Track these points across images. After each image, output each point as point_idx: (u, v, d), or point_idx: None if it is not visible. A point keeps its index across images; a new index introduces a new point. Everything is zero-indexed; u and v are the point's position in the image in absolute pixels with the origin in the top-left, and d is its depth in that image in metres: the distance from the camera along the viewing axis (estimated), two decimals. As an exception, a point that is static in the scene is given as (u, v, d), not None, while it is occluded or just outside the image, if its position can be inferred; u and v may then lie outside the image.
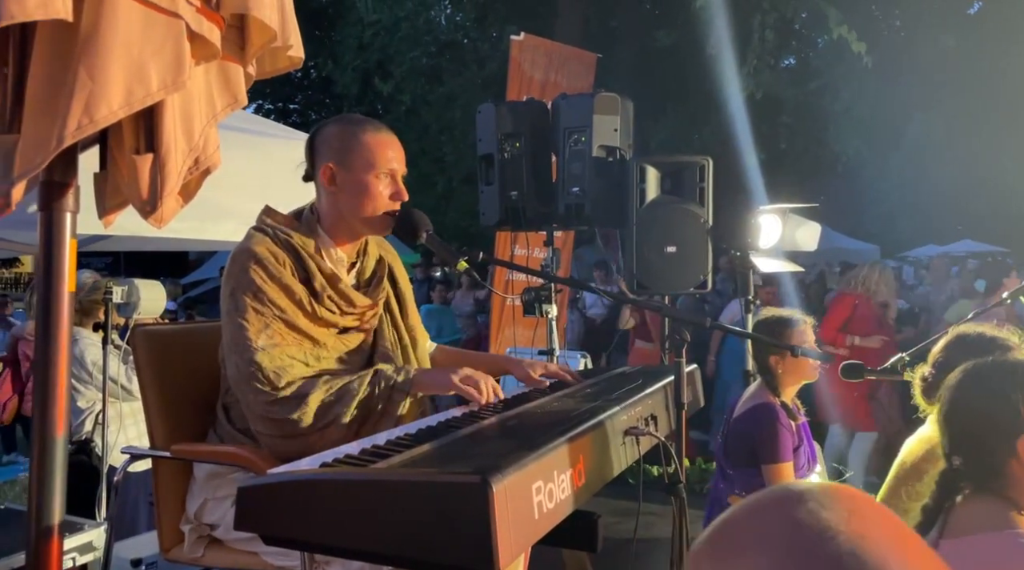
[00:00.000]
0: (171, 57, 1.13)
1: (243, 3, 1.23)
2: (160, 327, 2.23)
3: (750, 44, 9.19)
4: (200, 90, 1.29)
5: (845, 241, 14.00)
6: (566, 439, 1.42)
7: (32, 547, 1.22)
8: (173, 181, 1.24)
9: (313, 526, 1.26)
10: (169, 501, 2.03)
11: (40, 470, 1.23)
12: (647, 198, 3.48)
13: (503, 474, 1.17)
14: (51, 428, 1.24)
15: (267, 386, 1.72)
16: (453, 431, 1.55)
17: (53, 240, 1.25)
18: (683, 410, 1.98)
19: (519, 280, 5.91)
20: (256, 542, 1.84)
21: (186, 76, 1.15)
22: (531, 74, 6.07)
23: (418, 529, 1.18)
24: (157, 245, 6.65)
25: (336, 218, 1.93)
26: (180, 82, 1.14)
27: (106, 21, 1.09)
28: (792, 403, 2.84)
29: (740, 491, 2.72)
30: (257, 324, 1.76)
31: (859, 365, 2.52)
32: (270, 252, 1.82)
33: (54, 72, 1.11)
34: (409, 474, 1.26)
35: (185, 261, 17.77)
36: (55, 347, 1.25)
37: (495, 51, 14.57)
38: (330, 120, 1.96)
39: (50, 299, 1.25)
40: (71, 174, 1.26)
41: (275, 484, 1.29)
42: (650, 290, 3.52)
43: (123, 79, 1.10)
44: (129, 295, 3.25)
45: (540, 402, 1.88)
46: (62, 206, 1.26)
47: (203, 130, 1.29)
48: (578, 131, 3.61)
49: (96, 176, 1.40)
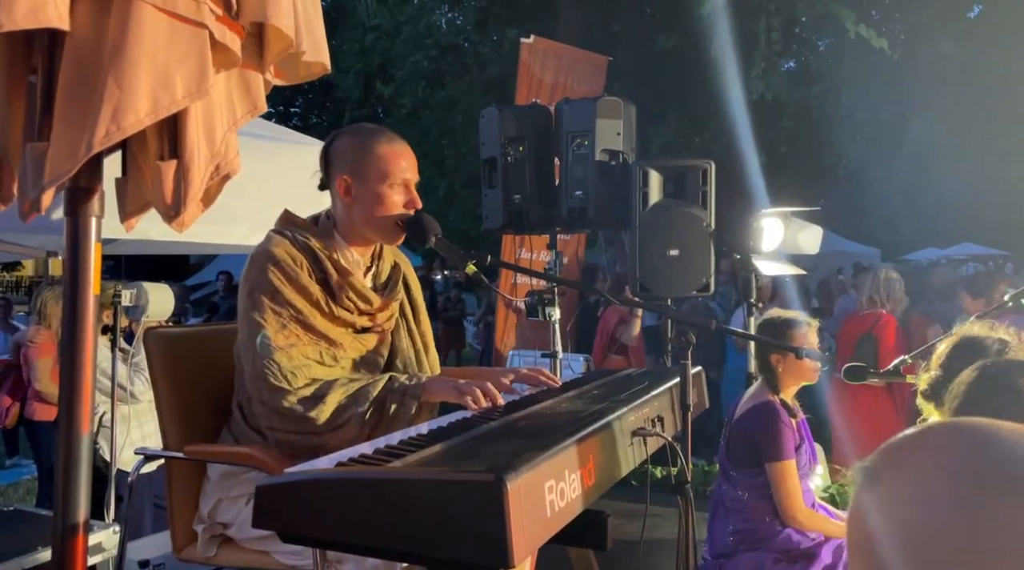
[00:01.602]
0: (195, 65, 1.17)
1: (262, 12, 1.26)
2: (173, 329, 2.26)
3: (756, 47, 9.22)
4: (221, 97, 1.32)
5: (847, 244, 14.04)
6: (576, 439, 1.45)
7: (58, 544, 1.24)
8: (196, 186, 1.27)
9: (330, 524, 1.29)
10: (182, 501, 2.05)
11: (66, 468, 1.26)
12: (650, 202, 3.51)
13: (517, 473, 1.20)
14: (77, 427, 1.27)
15: (284, 383, 1.76)
16: (465, 431, 1.58)
17: (79, 244, 1.28)
18: (689, 411, 2.01)
19: (524, 283, 5.94)
20: (269, 541, 1.87)
21: (210, 84, 1.18)
22: (541, 76, 6.06)
23: (433, 527, 1.21)
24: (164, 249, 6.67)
25: (350, 226, 1.98)
26: (204, 90, 1.17)
27: (133, 31, 1.12)
28: (791, 402, 2.87)
29: (743, 492, 2.74)
30: (275, 324, 1.80)
31: (862, 367, 2.54)
32: (288, 254, 1.86)
33: (82, 81, 1.14)
34: (424, 473, 1.29)
35: (186, 264, 17.82)
36: (81, 348, 1.28)
37: (496, 55, 14.60)
38: (344, 131, 2.01)
39: (76, 301, 1.28)
40: (96, 180, 1.30)
41: (292, 483, 1.32)
42: (653, 293, 3.54)
43: (149, 87, 1.13)
44: (138, 298, 3.27)
45: (549, 403, 1.91)
46: (88, 211, 1.29)
47: (224, 136, 1.33)
48: (581, 135, 3.64)
49: (118, 181, 1.43)
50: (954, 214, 14.42)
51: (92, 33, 1.14)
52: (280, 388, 1.77)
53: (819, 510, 2.81)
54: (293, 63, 1.48)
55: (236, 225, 3.19)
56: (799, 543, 2.67)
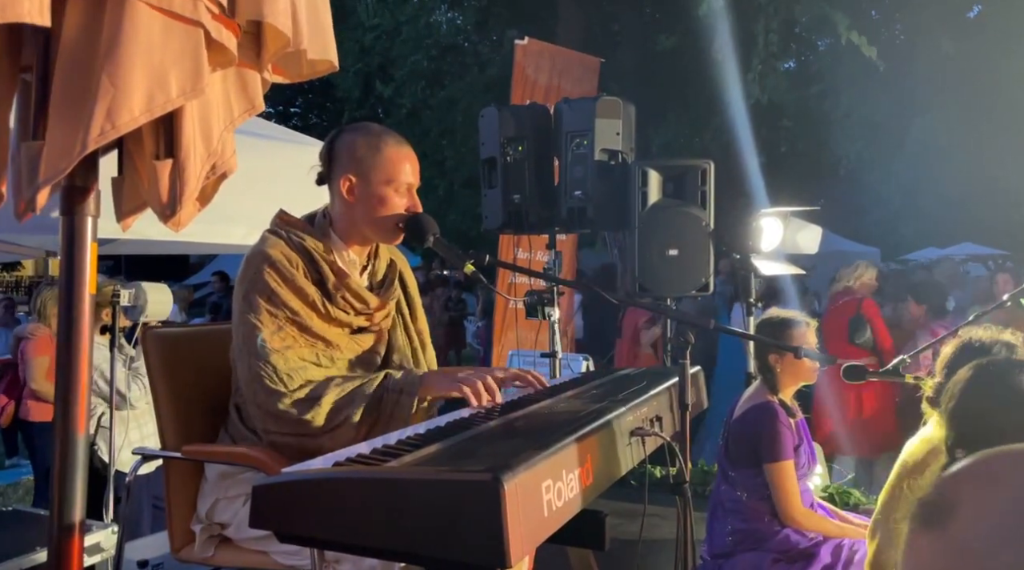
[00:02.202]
0: (191, 64, 1.16)
1: (258, 10, 1.25)
2: (171, 329, 2.26)
3: (754, 48, 9.22)
4: (218, 96, 1.32)
5: (846, 244, 14.02)
6: (574, 439, 1.45)
7: (54, 544, 1.24)
8: (192, 186, 1.27)
9: (327, 524, 1.28)
10: (180, 501, 2.05)
11: (62, 469, 1.26)
12: (649, 201, 3.51)
13: (514, 472, 1.19)
14: (73, 427, 1.27)
15: (280, 386, 1.76)
16: (463, 431, 1.58)
17: (75, 244, 1.28)
18: (687, 411, 2.00)
19: (521, 283, 5.93)
20: (267, 541, 1.87)
21: (205, 82, 1.17)
22: (535, 78, 6.09)
23: (430, 526, 1.20)
24: (163, 249, 6.66)
25: (349, 224, 1.97)
26: (199, 88, 1.17)
27: (127, 29, 1.12)
28: (790, 402, 2.87)
29: (742, 492, 2.74)
30: (271, 326, 1.80)
31: (861, 367, 2.54)
32: (284, 255, 1.85)
33: (77, 80, 1.14)
34: (421, 472, 1.28)
35: (186, 264, 17.81)
36: (77, 348, 1.28)
37: (496, 55, 14.62)
38: (349, 128, 2.00)
39: (72, 301, 1.27)
40: (92, 179, 1.30)
41: (289, 483, 1.32)
42: (652, 293, 3.54)
43: (144, 86, 1.13)
44: (136, 298, 3.27)
45: (547, 403, 1.91)
46: (84, 210, 1.29)
47: (221, 135, 1.32)
48: (580, 135, 3.64)
49: (114, 180, 1.43)
50: (954, 214, 14.40)
51: (86, 31, 1.14)
52: (276, 391, 1.76)
53: (818, 510, 2.81)
54: (296, 61, 1.47)
55: (235, 225, 3.20)
56: (798, 543, 2.67)
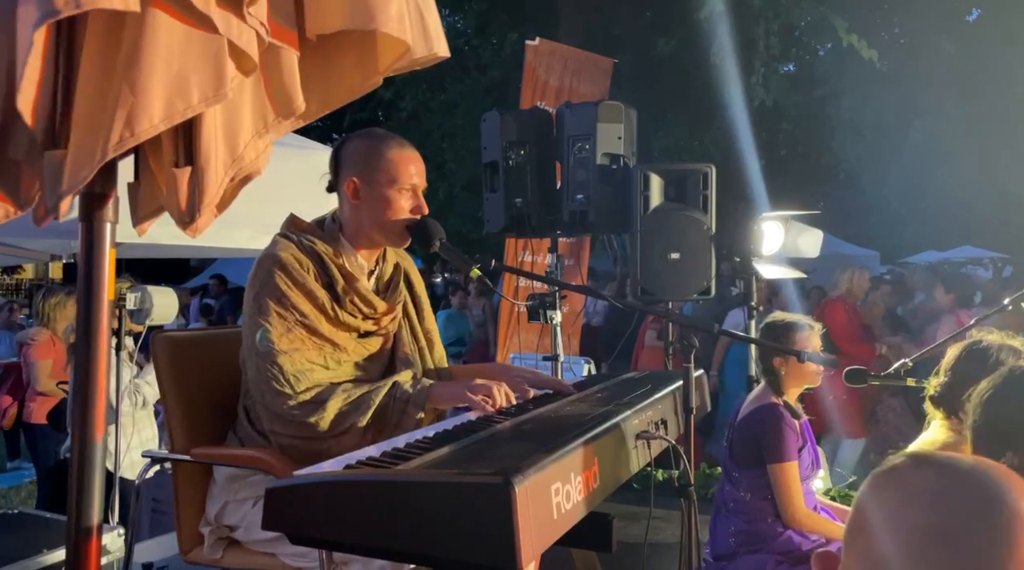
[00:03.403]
0: (212, 69, 1.17)
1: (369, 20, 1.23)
2: (180, 333, 2.28)
3: (755, 52, 9.25)
4: (248, 102, 1.32)
5: (846, 247, 14.02)
6: (581, 442, 1.47)
7: (72, 547, 1.26)
8: (212, 193, 1.29)
9: (338, 526, 1.30)
10: (189, 504, 2.07)
11: (80, 473, 1.28)
12: (651, 205, 3.52)
13: (524, 475, 1.21)
14: (91, 432, 1.29)
15: (287, 388, 1.78)
16: (471, 434, 1.59)
17: (94, 249, 1.30)
18: (692, 414, 2.02)
19: (526, 286, 5.93)
20: (275, 544, 1.89)
21: (227, 89, 1.18)
22: (545, 79, 6.01)
23: (441, 529, 1.22)
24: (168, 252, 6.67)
25: (357, 228, 1.99)
26: (221, 94, 1.18)
27: (147, 37, 1.13)
28: (795, 404, 2.88)
29: (746, 493, 2.76)
30: (280, 328, 1.82)
31: (863, 371, 2.56)
32: (295, 258, 1.88)
33: (98, 88, 1.16)
34: (432, 475, 1.30)
35: (187, 268, 17.80)
36: (95, 353, 1.29)
37: (497, 58, 14.59)
38: (355, 135, 2.04)
39: (91, 307, 1.29)
40: (111, 185, 1.31)
41: (301, 486, 1.34)
42: (654, 296, 3.56)
43: (164, 93, 1.15)
44: (142, 301, 3.27)
45: (553, 406, 1.92)
46: (102, 216, 1.30)
47: (251, 142, 1.33)
48: (582, 139, 3.65)
49: (130, 186, 1.44)
50: (954, 217, 14.41)
51: (108, 39, 1.16)
52: (282, 392, 1.78)
53: (821, 512, 2.82)
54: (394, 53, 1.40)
55: (240, 229, 3.20)
56: (800, 545, 2.68)
